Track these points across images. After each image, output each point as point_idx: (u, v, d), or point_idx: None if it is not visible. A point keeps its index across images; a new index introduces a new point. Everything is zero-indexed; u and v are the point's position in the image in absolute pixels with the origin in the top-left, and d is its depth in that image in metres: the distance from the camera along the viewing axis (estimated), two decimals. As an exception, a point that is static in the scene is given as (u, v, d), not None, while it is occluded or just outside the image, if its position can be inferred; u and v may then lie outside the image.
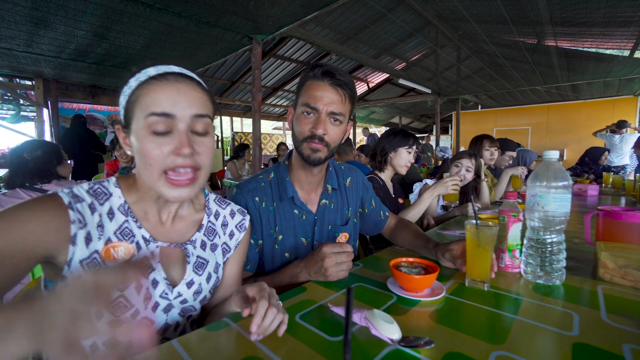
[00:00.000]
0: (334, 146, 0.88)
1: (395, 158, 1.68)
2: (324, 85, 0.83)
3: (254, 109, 3.32)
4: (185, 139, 0.56)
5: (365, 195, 1.14)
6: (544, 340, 0.54)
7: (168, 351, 0.52)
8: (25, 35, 3.27)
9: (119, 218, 0.61)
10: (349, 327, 0.30)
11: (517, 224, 0.85)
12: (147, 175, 0.57)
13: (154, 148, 0.55)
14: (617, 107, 7.65)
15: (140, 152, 0.56)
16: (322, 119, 0.84)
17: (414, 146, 1.69)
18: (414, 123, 13.52)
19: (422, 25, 4.13)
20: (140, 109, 0.56)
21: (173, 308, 0.67)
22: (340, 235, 1.03)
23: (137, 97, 0.56)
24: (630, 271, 0.75)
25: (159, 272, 0.64)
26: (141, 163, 0.57)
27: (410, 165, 1.71)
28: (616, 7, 2.89)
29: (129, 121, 0.58)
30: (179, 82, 0.57)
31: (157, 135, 0.55)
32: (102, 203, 0.61)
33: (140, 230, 0.63)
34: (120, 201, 0.63)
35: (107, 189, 0.62)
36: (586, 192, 2.34)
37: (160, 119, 0.55)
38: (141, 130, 0.55)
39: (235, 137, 9.48)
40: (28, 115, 6.52)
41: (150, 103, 0.55)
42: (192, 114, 0.57)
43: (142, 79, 0.56)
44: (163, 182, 0.56)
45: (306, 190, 0.98)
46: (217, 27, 3.21)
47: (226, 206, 0.80)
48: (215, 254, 0.74)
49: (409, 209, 1.56)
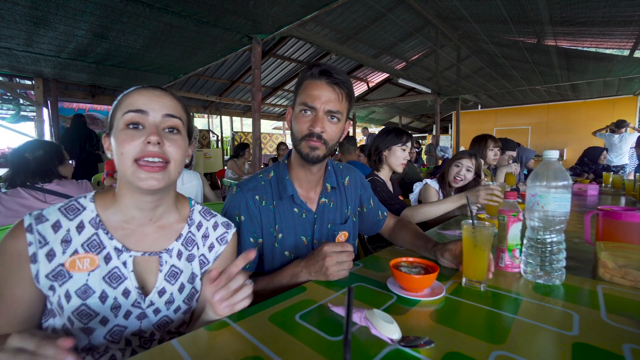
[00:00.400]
0: (332, 144, 0.89)
1: (390, 157, 1.68)
2: (321, 84, 0.85)
3: (254, 108, 3.32)
4: (154, 130, 0.63)
5: (364, 194, 1.15)
6: (544, 340, 0.54)
7: (168, 351, 0.52)
8: (25, 34, 3.27)
9: (88, 231, 0.65)
10: (349, 327, 0.30)
11: (517, 223, 0.86)
12: (121, 165, 0.62)
13: (127, 139, 0.61)
14: (617, 106, 7.65)
15: (116, 146, 0.62)
16: (319, 117, 0.85)
17: (408, 143, 1.68)
18: (413, 123, 13.52)
19: (421, 25, 4.12)
20: (120, 110, 0.64)
21: (146, 317, 0.68)
22: (340, 234, 1.03)
23: (120, 103, 0.65)
24: (630, 271, 0.75)
25: (131, 281, 0.66)
26: (117, 157, 0.63)
27: (406, 163, 1.69)
28: (616, 6, 2.89)
29: (111, 126, 0.66)
30: (155, 90, 0.66)
31: (130, 128, 0.62)
32: (71, 218, 0.65)
33: (112, 242, 0.66)
34: (92, 215, 0.66)
35: (81, 205, 0.67)
36: (586, 191, 2.34)
37: (135, 114, 0.62)
38: (119, 128, 0.63)
39: (235, 137, 9.48)
40: (28, 115, 6.52)
41: (129, 104, 0.63)
42: (163, 113, 0.65)
43: (126, 92, 0.66)
44: (135, 168, 0.61)
45: (305, 188, 0.99)
46: (217, 26, 3.21)
47: (211, 218, 0.80)
48: (192, 265, 0.75)
49: (426, 205, 1.49)
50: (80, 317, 0.61)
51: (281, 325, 0.60)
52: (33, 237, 0.61)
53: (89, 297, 0.62)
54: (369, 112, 10.15)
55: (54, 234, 0.63)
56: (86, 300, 0.62)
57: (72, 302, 0.61)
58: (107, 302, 0.63)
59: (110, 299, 0.64)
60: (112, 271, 0.65)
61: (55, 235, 0.63)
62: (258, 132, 3.39)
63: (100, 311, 0.63)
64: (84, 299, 0.62)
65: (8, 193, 1.40)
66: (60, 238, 0.63)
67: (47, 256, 0.61)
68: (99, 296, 0.63)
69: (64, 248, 0.63)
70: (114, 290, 0.64)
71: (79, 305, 0.61)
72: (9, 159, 1.48)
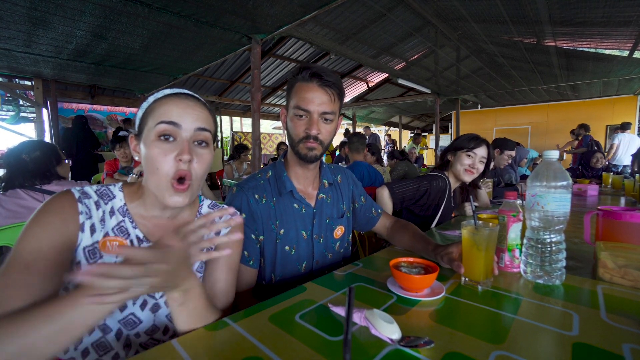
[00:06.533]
0: (327, 143, 0.94)
1: (455, 162, 1.61)
2: (313, 87, 0.87)
3: (254, 108, 3.32)
4: (187, 146, 0.63)
5: (355, 190, 1.17)
6: (544, 340, 0.54)
7: (168, 351, 0.52)
8: (24, 35, 3.26)
9: (118, 217, 0.69)
10: (349, 327, 0.30)
11: (517, 223, 0.86)
12: (154, 179, 0.63)
13: (160, 154, 0.62)
14: (616, 106, 7.66)
15: (148, 156, 0.63)
16: (314, 120, 0.88)
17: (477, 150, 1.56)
18: (413, 122, 13.53)
19: (421, 25, 4.13)
20: (152, 118, 0.64)
21: (160, 309, 0.69)
22: (337, 228, 1.06)
23: (153, 109, 0.65)
24: (630, 271, 0.75)
25: None
26: (148, 167, 0.63)
27: (474, 172, 1.58)
28: (615, 7, 2.89)
29: (141, 130, 0.65)
30: (189, 100, 0.66)
31: (162, 140, 0.62)
32: (106, 202, 0.68)
33: (135, 230, 0.69)
34: (120, 203, 0.70)
35: (111, 192, 0.70)
36: (586, 192, 2.34)
37: (168, 126, 0.62)
38: (150, 137, 0.63)
39: (234, 137, 9.48)
40: (28, 116, 6.51)
41: (162, 113, 0.63)
42: (195, 127, 0.65)
43: (158, 96, 0.66)
44: (167, 186, 0.63)
45: (303, 184, 1.01)
46: (216, 26, 3.21)
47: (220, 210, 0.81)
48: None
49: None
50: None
51: (281, 325, 0.59)
52: (83, 208, 0.64)
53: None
54: (368, 112, 10.16)
55: (96, 211, 0.66)
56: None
57: None
58: None
59: None
60: None
61: (97, 212, 0.66)
62: (258, 132, 3.39)
63: None
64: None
65: (7, 194, 1.39)
66: (99, 217, 0.66)
67: (90, 229, 0.64)
68: None
69: (101, 227, 0.66)
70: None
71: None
72: (5, 160, 1.46)
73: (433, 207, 1.62)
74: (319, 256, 1.02)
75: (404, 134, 12.81)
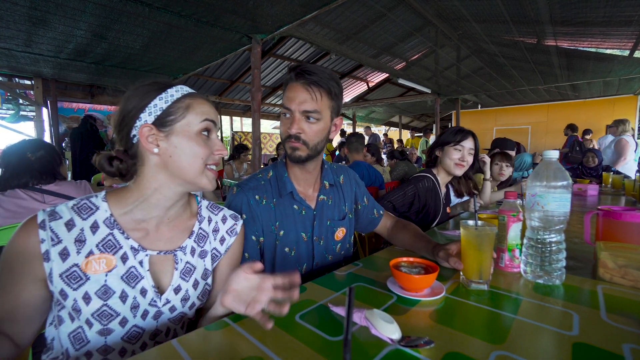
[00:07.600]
0: (314, 144, 0.89)
1: (443, 157, 1.60)
2: (297, 86, 0.87)
3: (254, 108, 3.31)
4: (221, 143, 0.72)
5: (358, 191, 1.16)
6: (544, 340, 0.54)
7: (168, 351, 0.52)
8: (24, 35, 3.26)
9: (103, 231, 0.64)
10: (349, 327, 0.30)
11: (517, 223, 0.85)
12: (190, 164, 0.66)
13: (203, 144, 0.68)
14: (617, 106, 7.64)
15: (189, 146, 0.66)
16: (296, 118, 0.87)
17: (464, 142, 1.55)
18: (413, 122, 13.52)
19: (421, 24, 4.13)
20: (195, 114, 0.67)
21: (162, 314, 0.68)
22: (338, 230, 1.05)
23: (190, 105, 0.67)
24: (630, 271, 0.75)
25: (147, 280, 0.66)
26: (185, 155, 0.66)
27: (464, 165, 1.57)
28: (616, 6, 2.89)
29: (170, 122, 0.65)
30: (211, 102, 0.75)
31: (205, 135, 0.69)
32: (85, 218, 0.64)
33: (128, 241, 0.66)
34: (106, 214, 0.65)
35: (93, 204, 0.66)
36: (586, 192, 2.34)
37: (211, 124, 0.70)
38: (193, 129, 0.67)
39: (234, 137, 9.48)
40: (27, 115, 6.51)
41: (205, 112, 0.69)
42: (219, 127, 0.76)
43: (185, 92, 0.68)
44: (206, 172, 0.69)
45: (303, 186, 1.01)
46: (217, 26, 3.21)
47: (218, 212, 0.82)
48: (205, 261, 0.76)
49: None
50: (101, 319, 0.61)
51: (281, 326, 0.60)
52: (46, 234, 0.60)
53: (109, 297, 0.62)
54: (368, 112, 10.15)
55: (68, 232, 0.61)
56: (107, 300, 0.61)
57: (93, 303, 0.60)
58: (127, 301, 0.63)
59: (130, 298, 0.64)
60: (129, 270, 0.65)
61: (68, 233, 0.61)
62: (258, 132, 3.39)
63: (121, 311, 0.63)
64: (105, 300, 0.61)
65: (6, 194, 1.37)
66: (74, 237, 0.62)
67: (60, 255, 0.60)
68: (119, 296, 0.63)
69: (77, 248, 0.61)
70: (132, 289, 0.64)
71: (100, 306, 0.61)
72: (5, 158, 1.40)
73: (433, 209, 1.61)
74: (319, 258, 1.01)
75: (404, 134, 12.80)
